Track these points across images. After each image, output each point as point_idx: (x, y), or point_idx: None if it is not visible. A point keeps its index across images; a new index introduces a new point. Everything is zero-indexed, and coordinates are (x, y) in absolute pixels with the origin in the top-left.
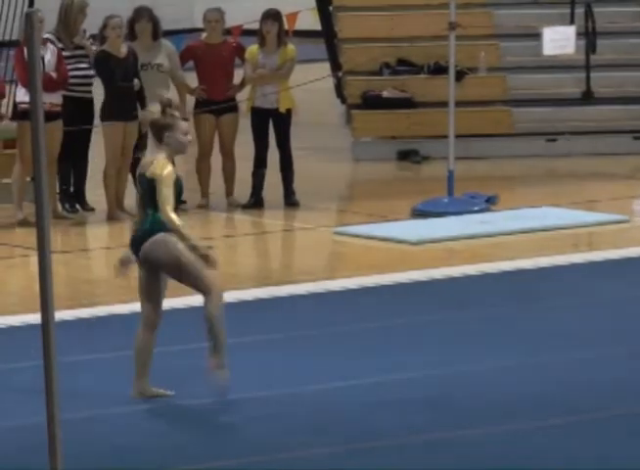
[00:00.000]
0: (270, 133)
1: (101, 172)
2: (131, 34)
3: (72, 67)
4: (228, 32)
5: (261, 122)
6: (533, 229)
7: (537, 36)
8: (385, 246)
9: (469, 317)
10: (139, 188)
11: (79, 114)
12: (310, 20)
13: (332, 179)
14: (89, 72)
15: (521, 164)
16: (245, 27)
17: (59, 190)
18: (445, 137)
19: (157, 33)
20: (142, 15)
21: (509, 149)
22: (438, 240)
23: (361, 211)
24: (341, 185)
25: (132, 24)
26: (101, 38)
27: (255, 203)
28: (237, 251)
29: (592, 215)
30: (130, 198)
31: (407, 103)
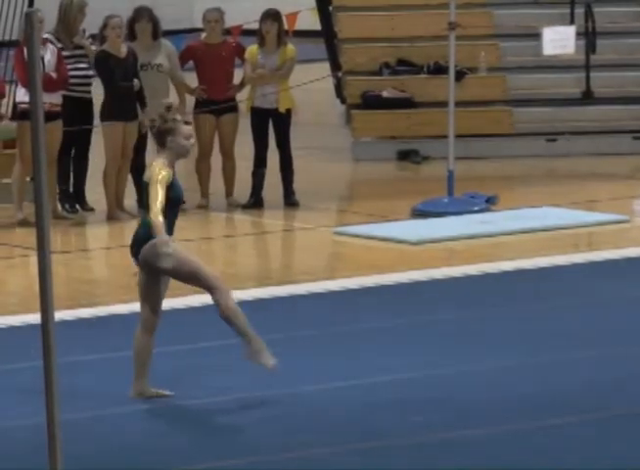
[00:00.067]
0: (270, 133)
1: (100, 172)
2: (131, 34)
3: (72, 67)
4: (228, 32)
5: (261, 122)
6: (533, 229)
7: (537, 36)
8: (385, 246)
9: (469, 317)
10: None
11: (79, 114)
12: (310, 20)
13: (332, 179)
14: (88, 72)
15: (521, 164)
16: (244, 27)
17: (58, 190)
18: (445, 137)
19: (156, 33)
20: (142, 15)
21: (509, 149)
22: (438, 240)
23: (361, 211)
24: (340, 185)
25: (132, 25)
26: (101, 38)
27: (255, 203)
28: (237, 251)
29: (592, 215)
30: (130, 198)
31: (407, 103)
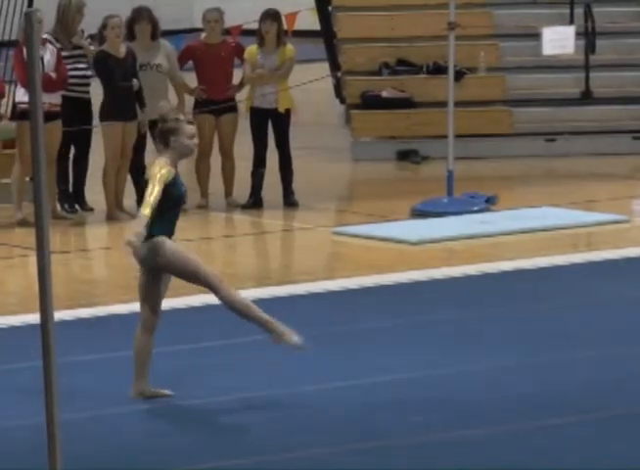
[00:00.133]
0: (269, 133)
1: (100, 172)
2: (130, 35)
3: (71, 67)
4: (227, 32)
5: (260, 122)
6: (533, 229)
7: (537, 36)
8: (384, 246)
9: (468, 317)
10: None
11: (77, 114)
12: (309, 20)
13: (331, 179)
14: (87, 73)
15: (520, 165)
16: (244, 27)
17: (58, 190)
18: (445, 137)
19: (155, 34)
20: (142, 15)
21: (508, 149)
22: (438, 240)
23: (360, 211)
24: (340, 185)
25: (131, 25)
26: (100, 38)
27: (255, 203)
28: (236, 251)
29: (591, 215)
30: (130, 198)
31: (406, 103)
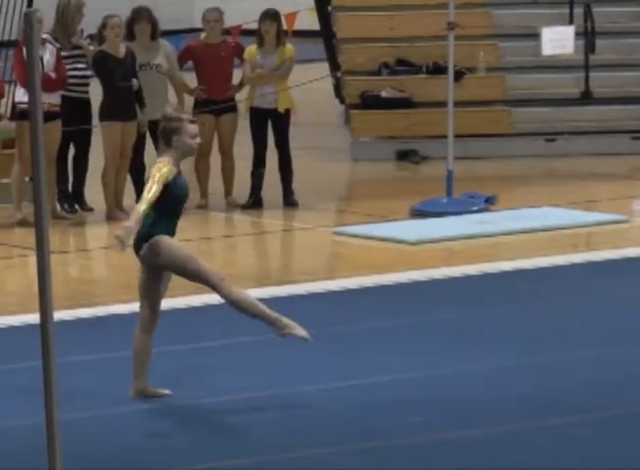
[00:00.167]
0: (269, 133)
1: (99, 172)
2: (130, 35)
3: (70, 67)
4: (227, 32)
5: (260, 122)
6: (533, 229)
7: (536, 36)
8: (384, 246)
9: (468, 317)
10: None
11: (77, 114)
12: (309, 19)
13: (331, 179)
14: (86, 73)
15: (520, 165)
16: (244, 27)
17: (57, 190)
18: (444, 137)
19: (155, 34)
20: (141, 16)
21: (508, 149)
22: (437, 240)
23: (360, 211)
24: (339, 185)
25: (131, 25)
26: (99, 38)
27: (254, 203)
28: (236, 251)
29: (591, 215)
30: (129, 198)
31: (406, 103)
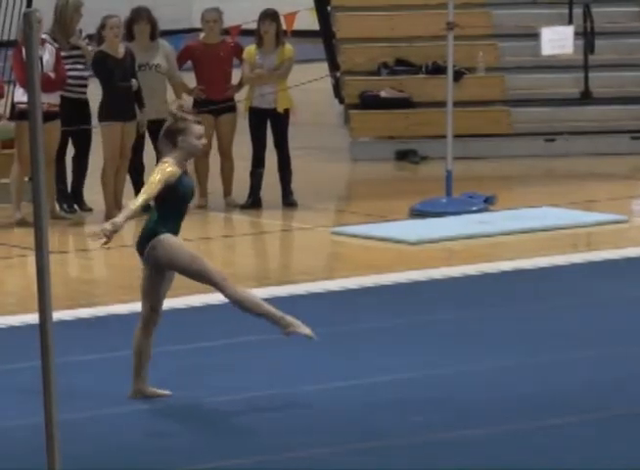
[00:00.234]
0: (268, 133)
1: (98, 172)
2: (129, 35)
3: (69, 67)
4: (226, 32)
5: (259, 122)
6: (532, 229)
7: (536, 36)
8: (383, 246)
9: (468, 317)
10: None
11: (76, 114)
12: (308, 19)
13: (330, 179)
14: (85, 73)
15: (519, 165)
16: (243, 27)
17: (56, 190)
18: (444, 137)
19: (154, 34)
20: (141, 16)
21: (507, 149)
22: (437, 240)
23: (359, 211)
24: (339, 185)
25: (130, 25)
26: (98, 38)
27: (253, 203)
28: (235, 251)
29: (591, 215)
30: (129, 198)
31: (405, 103)
